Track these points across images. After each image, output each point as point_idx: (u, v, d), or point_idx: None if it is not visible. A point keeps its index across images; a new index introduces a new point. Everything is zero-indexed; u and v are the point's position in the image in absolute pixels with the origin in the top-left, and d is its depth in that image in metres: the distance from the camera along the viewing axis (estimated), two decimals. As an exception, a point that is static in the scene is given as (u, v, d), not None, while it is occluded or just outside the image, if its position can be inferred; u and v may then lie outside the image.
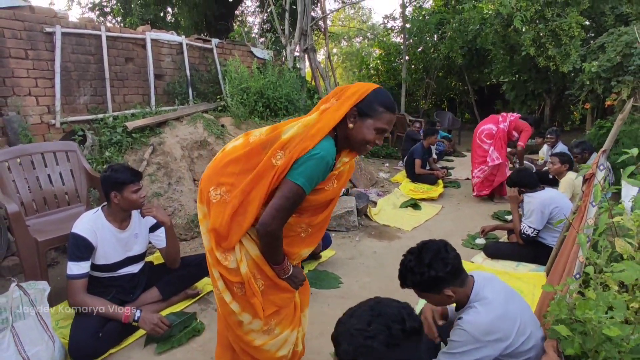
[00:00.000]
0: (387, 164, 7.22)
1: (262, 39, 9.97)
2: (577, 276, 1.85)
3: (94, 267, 2.17)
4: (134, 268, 2.36)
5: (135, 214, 2.31)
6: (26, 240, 2.24)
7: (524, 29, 6.63)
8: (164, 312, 2.35)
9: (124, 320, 2.01)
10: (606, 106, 5.36)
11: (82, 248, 2.05)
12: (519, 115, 5.03)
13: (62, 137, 4.08)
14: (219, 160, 1.47)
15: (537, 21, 6.45)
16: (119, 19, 9.75)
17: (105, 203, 2.25)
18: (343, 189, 4.19)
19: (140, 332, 2.16)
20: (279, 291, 1.53)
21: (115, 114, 4.51)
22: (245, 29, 12.23)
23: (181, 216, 3.63)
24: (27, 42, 3.86)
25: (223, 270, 1.45)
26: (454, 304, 1.56)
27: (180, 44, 5.38)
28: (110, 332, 2.01)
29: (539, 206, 2.89)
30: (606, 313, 1.17)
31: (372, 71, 13.96)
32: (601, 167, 2.19)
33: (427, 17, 10.89)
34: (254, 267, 1.46)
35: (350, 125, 1.36)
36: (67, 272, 2.03)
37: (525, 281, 2.77)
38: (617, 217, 1.49)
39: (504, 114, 5.04)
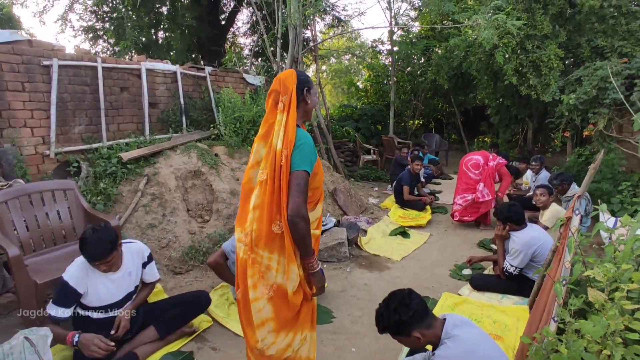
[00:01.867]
0: (377, 188, 7.38)
1: (252, 60, 10.17)
2: (556, 318, 1.97)
3: (89, 308, 2.22)
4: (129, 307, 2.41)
5: (126, 253, 2.35)
6: (26, 282, 2.29)
7: (507, 56, 6.92)
8: (161, 352, 2.40)
9: (68, 342, 2.06)
10: (584, 136, 5.62)
11: (67, 295, 2.11)
12: (506, 162, 5.30)
13: (56, 167, 4.13)
14: (252, 205, 1.68)
15: (519, 52, 6.75)
16: (112, 41, 9.84)
17: None
18: (334, 220, 4.30)
19: (139, 374, 2.21)
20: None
21: (110, 143, 4.57)
22: (237, 50, 12.44)
23: (175, 248, 3.68)
24: (24, 75, 3.94)
25: (293, 296, 1.67)
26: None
27: (175, 72, 5.50)
28: (109, 376, 2.06)
29: (523, 247, 3.03)
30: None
31: (361, 92, 14.25)
32: (577, 212, 2.34)
33: (414, 41, 11.25)
34: None
35: (308, 102, 1.76)
36: (48, 309, 2.09)
37: (509, 315, 2.89)
38: (589, 271, 1.62)
39: (495, 155, 5.29)
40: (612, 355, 1.39)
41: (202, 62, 10.39)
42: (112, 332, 2.23)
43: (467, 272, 3.66)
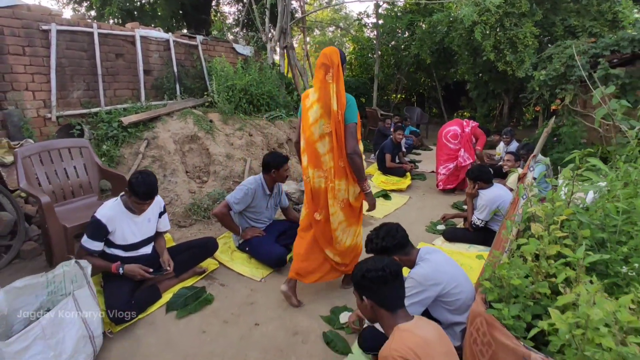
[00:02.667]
0: (361, 157, 7.77)
1: (237, 29, 10.18)
2: (507, 250, 2.44)
3: (116, 246, 2.56)
4: (148, 249, 2.75)
5: None
6: (56, 227, 2.59)
7: (486, 32, 7.28)
8: (177, 287, 2.77)
9: (113, 271, 2.44)
10: (552, 110, 6.10)
11: (98, 230, 2.43)
12: (478, 123, 5.79)
13: (58, 130, 4.32)
14: (322, 152, 2.41)
15: (497, 29, 7.11)
16: (96, 6, 9.66)
17: (123, 193, 2.62)
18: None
19: (161, 301, 2.59)
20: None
21: (108, 108, 4.77)
22: (222, 19, 12.32)
23: (178, 205, 4.01)
24: (24, 39, 4.07)
25: (354, 202, 2.58)
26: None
27: (167, 40, 5.63)
28: (139, 300, 2.43)
29: (488, 203, 3.51)
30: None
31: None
32: (531, 169, 2.80)
33: (399, 15, 11.44)
34: None
35: (344, 73, 2.41)
36: (82, 242, 2.40)
37: (474, 260, 3.37)
38: (532, 208, 2.05)
39: (467, 120, 5.73)
40: (547, 273, 1.82)
41: (185, 30, 10.33)
42: (168, 268, 2.65)
43: (440, 227, 4.14)
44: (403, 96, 14.55)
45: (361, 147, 2.46)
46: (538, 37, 7.08)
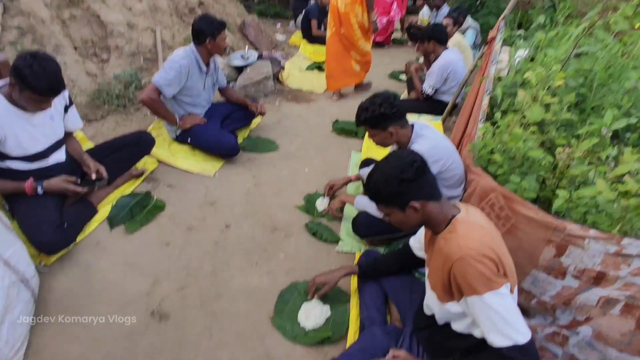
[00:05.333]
0: (280, 24, 6.87)
1: None
2: (482, 120, 2.37)
3: (14, 158, 1.89)
4: (60, 155, 2.09)
5: None
6: None
7: None
8: (114, 196, 2.27)
9: (28, 192, 1.84)
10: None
11: None
12: None
13: None
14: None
15: None
16: None
17: (3, 83, 1.84)
18: (256, 53, 4.04)
19: (99, 217, 2.11)
20: None
21: None
22: None
23: (77, 93, 3.11)
24: None
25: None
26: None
27: None
28: (70, 221, 1.90)
29: (438, 70, 3.37)
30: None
31: None
32: (501, 30, 2.63)
33: None
34: None
35: None
36: None
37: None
38: (527, 73, 1.90)
39: None
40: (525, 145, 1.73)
41: None
42: (101, 175, 2.06)
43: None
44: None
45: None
46: None
